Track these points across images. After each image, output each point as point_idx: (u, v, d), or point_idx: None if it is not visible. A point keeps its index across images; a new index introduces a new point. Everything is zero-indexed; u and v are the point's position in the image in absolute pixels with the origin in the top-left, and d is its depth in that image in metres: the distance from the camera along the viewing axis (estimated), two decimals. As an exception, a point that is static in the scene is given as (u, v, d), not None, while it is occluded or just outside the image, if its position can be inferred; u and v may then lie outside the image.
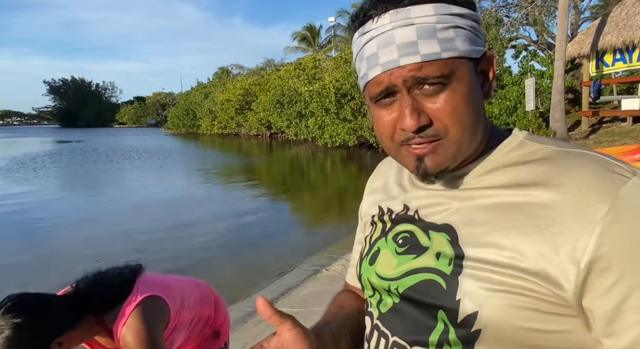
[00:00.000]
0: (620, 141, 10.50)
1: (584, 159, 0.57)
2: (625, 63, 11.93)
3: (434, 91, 0.59)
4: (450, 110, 0.59)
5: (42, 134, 67.25)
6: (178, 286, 1.64)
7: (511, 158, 0.63)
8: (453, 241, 0.62)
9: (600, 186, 0.53)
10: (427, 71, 0.57)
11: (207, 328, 1.81)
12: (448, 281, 0.60)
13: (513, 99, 14.32)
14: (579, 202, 0.53)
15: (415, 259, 0.66)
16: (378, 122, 0.65)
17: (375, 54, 0.60)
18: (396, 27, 0.58)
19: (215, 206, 10.05)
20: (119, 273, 1.50)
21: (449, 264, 0.61)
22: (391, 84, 0.60)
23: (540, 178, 0.57)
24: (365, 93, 0.67)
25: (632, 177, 0.54)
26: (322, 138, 22.99)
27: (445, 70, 0.58)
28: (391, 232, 0.73)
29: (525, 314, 0.54)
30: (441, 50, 0.57)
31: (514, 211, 0.57)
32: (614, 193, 0.52)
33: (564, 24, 12.08)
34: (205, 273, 5.45)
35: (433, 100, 0.59)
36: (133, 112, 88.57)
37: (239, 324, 4.09)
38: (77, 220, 8.99)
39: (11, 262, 6.18)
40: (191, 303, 1.66)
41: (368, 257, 0.76)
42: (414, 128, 0.59)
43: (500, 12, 17.10)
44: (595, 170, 0.55)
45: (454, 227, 0.63)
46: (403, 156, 0.65)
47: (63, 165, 20.14)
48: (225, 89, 40.54)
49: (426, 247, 0.65)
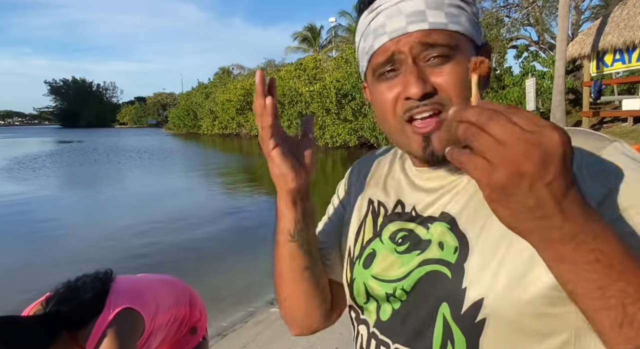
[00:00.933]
0: (621, 141, 10.50)
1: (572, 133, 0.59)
2: (624, 63, 11.92)
3: (439, 61, 0.59)
4: (455, 81, 0.58)
5: (43, 134, 67.30)
6: (151, 291, 1.63)
7: None
8: (453, 228, 0.61)
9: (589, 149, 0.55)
10: (434, 37, 0.58)
11: (183, 327, 1.81)
12: (453, 269, 0.59)
13: (514, 100, 14.30)
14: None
15: (420, 255, 0.64)
16: (379, 99, 0.63)
17: (383, 24, 0.60)
18: (404, 0, 0.59)
19: (214, 206, 10.04)
20: (90, 286, 1.46)
21: (454, 252, 0.59)
22: (397, 51, 0.59)
23: None
24: (367, 73, 0.66)
25: (613, 141, 0.56)
26: (322, 138, 23.00)
27: (452, 41, 0.58)
28: (385, 231, 0.70)
29: (533, 298, 0.53)
30: (448, 22, 0.58)
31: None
32: (601, 150, 0.55)
33: (565, 24, 12.08)
34: (204, 272, 5.46)
35: (438, 71, 0.59)
36: (134, 112, 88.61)
37: (238, 324, 4.10)
38: (76, 220, 9.00)
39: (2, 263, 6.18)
40: (166, 306, 1.65)
41: (361, 260, 0.71)
42: (420, 94, 0.57)
43: (501, 13, 17.09)
44: (583, 139, 0.56)
45: (451, 214, 0.62)
46: (407, 135, 0.62)
47: (63, 165, 20.17)
48: (226, 89, 40.54)
49: (428, 240, 0.63)
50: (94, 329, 1.37)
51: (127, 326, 1.42)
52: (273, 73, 34.73)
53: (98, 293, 1.44)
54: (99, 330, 1.37)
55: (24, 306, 1.51)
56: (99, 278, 1.52)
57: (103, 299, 1.44)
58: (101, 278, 1.52)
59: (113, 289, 1.49)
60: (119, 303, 1.44)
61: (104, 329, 1.37)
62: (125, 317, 1.43)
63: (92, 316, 1.39)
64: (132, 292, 1.53)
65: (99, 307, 1.41)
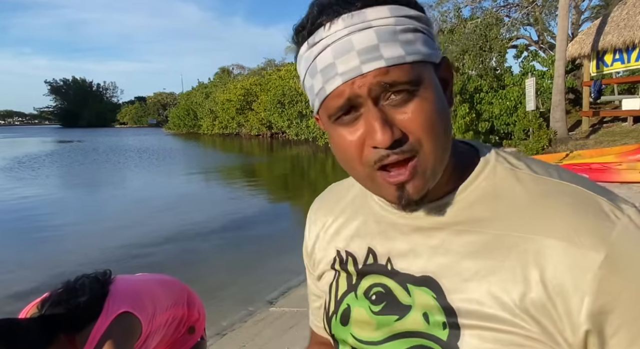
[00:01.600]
0: (621, 141, 10.49)
1: (566, 195, 0.53)
2: (623, 63, 11.93)
3: (402, 100, 0.51)
4: (423, 120, 0.52)
5: (43, 134, 67.33)
6: (149, 292, 1.62)
7: (488, 189, 0.57)
8: (439, 297, 0.55)
9: (590, 230, 0.49)
10: (394, 76, 0.50)
11: (182, 327, 1.81)
12: (446, 347, 0.54)
13: (514, 100, 14.30)
14: (571, 250, 0.49)
15: (398, 322, 0.58)
16: (341, 145, 0.55)
17: (332, 64, 0.52)
18: (353, 32, 0.51)
19: (214, 206, 10.04)
20: (89, 288, 1.45)
21: (444, 327, 0.54)
22: (354, 95, 0.51)
23: (523, 215, 0.53)
24: (321, 113, 0.57)
25: (622, 217, 0.50)
26: (322, 138, 23.01)
27: (413, 75, 0.51)
28: (360, 286, 0.64)
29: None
30: (405, 54, 0.51)
31: (504, 256, 0.53)
32: (606, 239, 0.48)
33: (565, 23, 12.07)
34: (204, 272, 5.47)
35: (402, 110, 0.52)
36: (134, 112, 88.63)
37: (238, 324, 4.10)
38: (76, 219, 8.99)
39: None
40: (163, 307, 1.65)
41: (337, 316, 0.66)
42: (388, 143, 0.51)
43: (500, 12, 17.08)
44: (582, 210, 0.51)
45: (435, 279, 0.56)
46: (379, 184, 0.56)
47: (62, 165, 20.17)
48: (226, 89, 40.55)
49: (408, 305, 0.58)
50: (92, 333, 1.36)
51: (124, 330, 1.42)
52: (273, 73, 34.73)
53: (96, 296, 1.44)
54: (97, 334, 1.36)
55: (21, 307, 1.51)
56: (97, 279, 1.51)
57: (101, 303, 1.43)
58: (100, 280, 1.51)
59: (111, 291, 1.49)
60: (117, 307, 1.44)
61: (102, 334, 1.37)
62: (123, 321, 1.43)
63: (90, 320, 1.39)
64: (130, 295, 1.53)
65: (97, 310, 1.41)
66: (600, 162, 7.71)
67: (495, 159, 0.59)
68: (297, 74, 18.93)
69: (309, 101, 0.59)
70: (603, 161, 7.78)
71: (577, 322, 0.49)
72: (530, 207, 0.53)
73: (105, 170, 17.96)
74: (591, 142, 11.23)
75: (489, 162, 0.59)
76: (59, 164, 20.65)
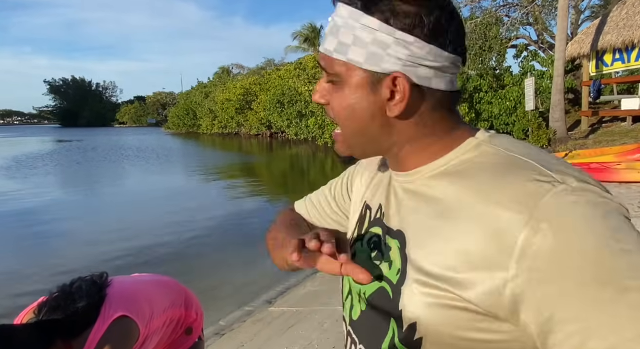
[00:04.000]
0: (620, 140, 10.49)
1: (517, 168, 0.55)
2: (623, 63, 11.92)
3: (331, 85, 0.65)
4: (338, 110, 0.65)
5: (42, 133, 67.29)
6: (146, 295, 1.61)
7: (461, 163, 0.62)
8: (402, 248, 0.63)
9: (521, 196, 0.51)
10: (323, 63, 0.64)
11: (179, 328, 1.80)
12: (394, 290, 0.62)
13: (513, 99, 14.31)
14: (503, 215, 0.51)
15: (380, 265, 0.66)
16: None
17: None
18: (332, 17, 0.63)
19: (214, 206, 10.04)
20: (85, 292, 1.44)
21: (397, 273, 0.62)
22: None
23: (474, 188, 0.56)
24: None
25: (559, 186, 0.50)
26: (322, 138, 22.99)
27: (335, 69, 0.62)
28: (365, 236, 0.74)
29: (461, 326, 0.55)
30: (333, 50, 0.61)
31: (453, 222, 0.57)
32: (531, 204, 0.50)
33: (564, 23, 12.08)
34: (202, 271, 5.46)
35: (332, 93, 0.65)
36: (133, 111, 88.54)
37: (237, 323, 4.10)
38: (75, 218, 8.99)
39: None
40: (160, 309, 1.64)
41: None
42: (314, 100, 0.67)
43: (500, 12, 17.07)
44: (522, 179, 0.53)
45: (404, 233, 0.64)
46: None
47: (62, 164, 20.15)
48: (225, 89, 40.54)
49: (386, 253, 0.66)
50: (89, 339, 1.35)
51: (121, 335, 1.41)
52: (273, 72, 34.72)
53: (93, 301, 1.43)
54: (94, 339, 1.36)
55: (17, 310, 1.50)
56: (94, 282, 1.50)
57: (98, 307, 1.42)
58: (96, 283, 1.50)
59: (108, 295, 1.48)
60: (114, 311, 1.43)
61: (99, 339, 1.36)
62: (120, 326, 1.42)
63: (87, 325, 1.38)
64: (127, 298, 1.52)
65: (94, 315, 1.40)
66: (599, 162, 7.70)
67: (483, 139, 0.63)
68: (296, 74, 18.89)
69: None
70: (602, 161, 7.78)
71: (504, 284, 0.50)
72: (485, 179, 0.57)
73: (103, 169, 17.94)
74: (590, 141, 11.23)
75: (474, 141, 0.63)
76: (59, 163, 20.62)
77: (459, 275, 0.54)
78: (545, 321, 0.48)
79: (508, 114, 14.42)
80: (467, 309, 0.54)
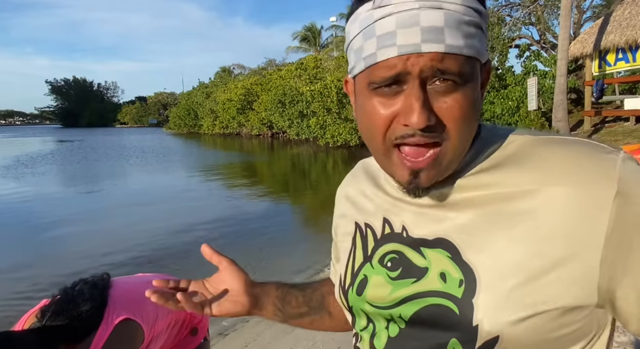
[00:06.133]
0: (623, 140, 10.45)
1: (566, 144, 0.55)
2: (627, 62, 11.89)
3: (446, 88, 0.52)
4: (459, 113, 0.52)
5: (43, 133, 67.41)
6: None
7: (494, 156, 0.59)
8: (455, 257, 0.56)
9: (595, 170, 0.51)
10: (448, 64, 0.50)
11: (184, 329, 1.78)
12: (461, 305, 0.54)
13: (516, 99, 14.28)
14: (582, 193, 0.50)
15: (416, 284, 0.59)
16: (371, 114, 0.55)
17: (393, 33, 0.50)
18: (423, 8, 0.50)
19: (215, 207, 10.03)
20: (88, 295, 1.41)
21: (459, 285, 0.55)
22: (405, 71, 0.51)
23: (531, 170, 0.54)
24: (360, 77, 0.57)
25: (619, 154, 0.52)
26: (323, 138, 22.98)
27: (464, 68, 0.51)
28: (376, 255, 0.65)
29: (551, 326, 0.51)
30: (464, 46, 0.51)
31: (513, 211, 0.53)
32: (613, 175, 0.50)
33: (567, 23, 12.05)
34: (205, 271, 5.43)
35: (444, 99, 0.52)
36: (135, 112, 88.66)
37: (240, 323, 4.08)
38: (77, 218, 8.97)
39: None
40: (165, 311, 1.61)
41: (354, 287, 0.68)
42: (423, 125, 0.51)
43: (502, 12, 17.04)
44: (582, 154, 0.53)
45: (448, 239, 0.57)
46: (394, 162, 0.56)
47: (64, 163, 20.17)
48: (226, 89, 40.56)
49: (424, 268, 0.59)
50: (93, 344, 1.33)
51: (126, 338, 1.39)
52: (274, 72, 34.73)
53: (96, 304, 1.40)
54: (98, 344, 1.33)
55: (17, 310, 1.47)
56: (95, 284, 1.46)
57: (101, 311, 1.39)
58: (98, 285, 1.47)
59: (111, 297, 1.45)
60: (118, 314, 1.40)
61: (103, 344, 1.33)
62: (125, 329, 1.39)
63: (90, 329, 1.35)
64: (131, 300, 1.48)
65: (98, 319, 1.37)
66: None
67: (496, 132, 0.61)
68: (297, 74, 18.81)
69: (349, 61, 0.59)
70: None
71: (594, 262, 0.49)
72: (535, 162, 0.55)
73: (105, 170, 17.94)
74: (593, 141, 11.19)
75: (491, 134, 0.61)
76: (60, 163, 20.65)
77: (545, 273, 0.50)
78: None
79: (510, 114, 14.38)
80: (557, 308, 0.50)
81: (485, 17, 0.55)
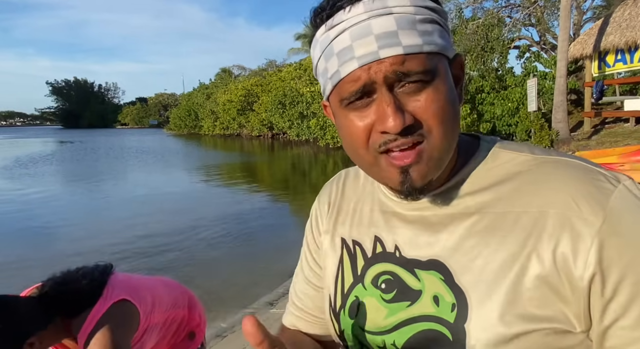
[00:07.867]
0: (623, 141, 10.44)
1: (565, 169, 0.54)
2: (625, 64, 11.89)
3: (416, 88, 0.52)
4: (435, 108, 0.52)
5: (44, 134, 67.47)
6: (149, 286, 1.60)
7: (490, 174, 0.58)
8: (447, 279, 0.55)
9: (588, 197, 0.51)
10: (410, 65, 0.50)
11: (182, 330, 1.78)
12: (454, 330, 0.53)
13: (516, 100, 14.28)
14: (571, 219, 0.50)
15: (410, 307, 0.58)
16: (349, 130, 0.55)
17: (350, 47, 0.51)
18: (373, 17, 0.51)
19: (216, 207, 10.03)
20: (88, 275, 1.44)
21: (452, 309, 0.54)
22: (370, 81, 0.51)
23: (525, 193, 0.54)
24: (332, 98, 0.57)
25: (618, 184, 0.52)
26: (323, 139, 22.99)
27: (428, 65, 0.51)
28: (367, 275, 0.63)
29: (545, 344, 0.51)
30: (423, 43, 0.51)
31: (507, 233, 0.53)
32: (604, 204, 0.50)
33: (567, 24, 12.05)
34: (204, 273, 5.44)
35: (415, 98, 0.52)
36: (135, 113, 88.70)
37: (238, 325, 4.07)
38: (77, 218, 8.98)
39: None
40: (163, 304, 1.63)
41: (345, 309, 0.65)
42: (399, 128, 0.50)
43: (502, 13, 17.04)
44: (580, 180, 0.52)
45: (442, 261, 0.56)
46: (383, 169, 0.55)
47: (64, 163, 20.18)
48: (227, 90, 40.58)
49: (419, 290, 0.57)
50: (89, 318, 1.34)
51: (122, 317, 1.40)
52: (274, 74, 34.74)
53: (95, 282, 1.42)
54: (94, 318, 1.34)
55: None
56: (98, 266, 1.50)
57: (100, 289, 1.41)
58: (100, 268, 1.50)
59: (111, 281, 1.47)
60: (116, 294, 1.42)
61: (99, 318, 1.34)
62: (121, 308, 1.40)
63: (88, 305, 1.37)
64: (130, 285, 1.51)
65: (96, 296, 1.39)
66: (602, 163, 7.63)
67: (496, 146, 0.61)
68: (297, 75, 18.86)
69: (321, 85, 0.59)
70: (605, 162, 7.72)
71: (579, 286, 0.49)
72: (531, 184, 0.54)
73: (106, 170, 17.95)
74: (593, 143, 11.19)
75: (490, 149, 0.60)
76: (61, 163, 20.66)
77: (532, 291, 0.50)
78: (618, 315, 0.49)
79: (510, 115, 14.38)
80: (546, 328, 0.50)
81: (441, 13, 0.55)
